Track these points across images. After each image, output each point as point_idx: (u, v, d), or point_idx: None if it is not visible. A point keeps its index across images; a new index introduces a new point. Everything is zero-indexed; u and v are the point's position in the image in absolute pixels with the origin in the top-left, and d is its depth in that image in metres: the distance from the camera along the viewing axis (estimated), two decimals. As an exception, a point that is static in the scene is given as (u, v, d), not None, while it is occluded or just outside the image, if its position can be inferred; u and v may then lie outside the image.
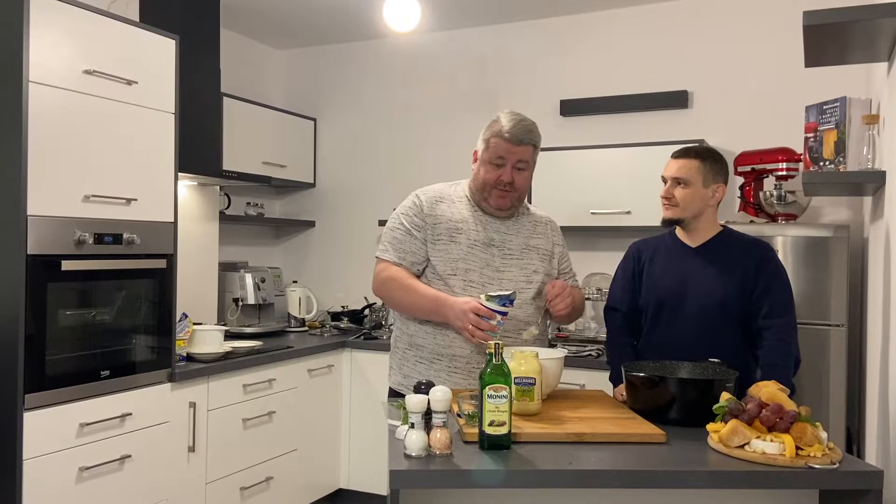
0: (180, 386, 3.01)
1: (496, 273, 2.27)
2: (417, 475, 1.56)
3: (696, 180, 2.29)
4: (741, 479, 1.56)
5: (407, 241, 2.29)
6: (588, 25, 4.10)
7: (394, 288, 2.28)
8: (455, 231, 2.28)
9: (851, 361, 3.10)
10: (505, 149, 2.22)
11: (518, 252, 2.32)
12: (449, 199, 2.35)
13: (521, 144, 2.23)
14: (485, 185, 2.27)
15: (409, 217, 2.31)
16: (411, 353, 2.31)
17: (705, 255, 2.32)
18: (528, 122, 2.26)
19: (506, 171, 2.24)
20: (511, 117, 2.25)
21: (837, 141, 2.35)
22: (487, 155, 2.25)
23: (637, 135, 3.86)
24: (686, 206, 2.30)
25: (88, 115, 2.65)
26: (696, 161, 2.30)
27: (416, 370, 2.27)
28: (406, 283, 2.25)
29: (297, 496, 3.74)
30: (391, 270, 2.28)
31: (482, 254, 2.27)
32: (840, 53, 2.20)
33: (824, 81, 3.26)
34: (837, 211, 3.53)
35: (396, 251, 2.29)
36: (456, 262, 2.25)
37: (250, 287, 4.08)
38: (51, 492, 2.50)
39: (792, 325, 2.22)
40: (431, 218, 2.29)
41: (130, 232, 2.80)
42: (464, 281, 2.24)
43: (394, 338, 2.43)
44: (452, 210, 2.32)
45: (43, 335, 2.50)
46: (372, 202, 4.61)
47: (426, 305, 2.22)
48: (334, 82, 4.77)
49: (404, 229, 2.30)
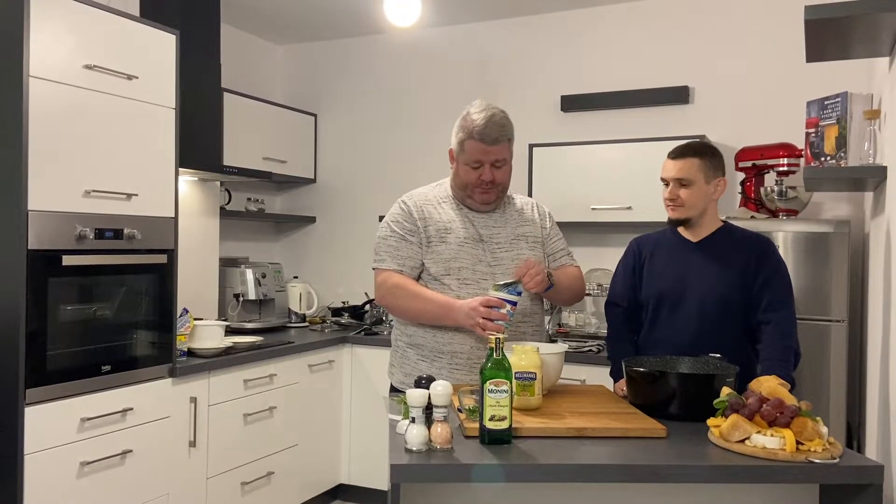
0: (181, 381, 3.01)
1: (489, 268, 2.27)
2: (418, 469, 1.56)
3: (699, 178, 2.27)
4: (742, 473, 1.56)
5: (403, 248, 2.28)
6: (589, 21, 4.09)
7: (401, 296, 2.26)
8: (444, 231, 2.28)
9: (852, 357, 3.10)
10: (480, 150, 2.21)
11: (507, 244, 2.32)
12: (434, 201, 2.35)
13: (496, 144, 2.21)
14: (466, 184, 2.27)
15: (399, 224, 2.31)
16: (412, 351, 2.32)
17: (706, 251, 2.32)
18: (499, 116, 2.22)
19: (485, 171, 2.23)
20: (481, 114, 2.21)
21: (838, 136, 2.35)
22: (464, 157, 2.24)
23: (638, 130, 3.85)
24: (692, 206, 2.29)
25: (89, 111, 2.65)
26: (696, 159, 2.28)
27: (418, 368, 2.26)
28: (413, 290, 2.24)
29: (298, 491, 3.74)
30: (395, 278, 2.27)
31: (473, 250, 2.27)
32: (841, 48, 2.20)
33: (825, 77, 3.25)
34: (838, 206, 3.52)
35: (394, 259, 2.28)
36: (448, 262, 2.25)
37: (251, 282, 4.09)
38: (52, 486, 2.50)
39: (791, 319, 2.22)
40: (422, 221, 2.29)
41: (131, 227, 2.80)
42: (458, 280, 2.24)
43: (393, 336, 2.43)
44: (439, 211, 2.32)
45: (44, 330, 2.50)
46: (372, 198, 4.61)
47: (435, 311, 2.21)
48: (335, 78, 4.77)
49: (398, 236, 2.29)
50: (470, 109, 2.25)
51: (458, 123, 2.27)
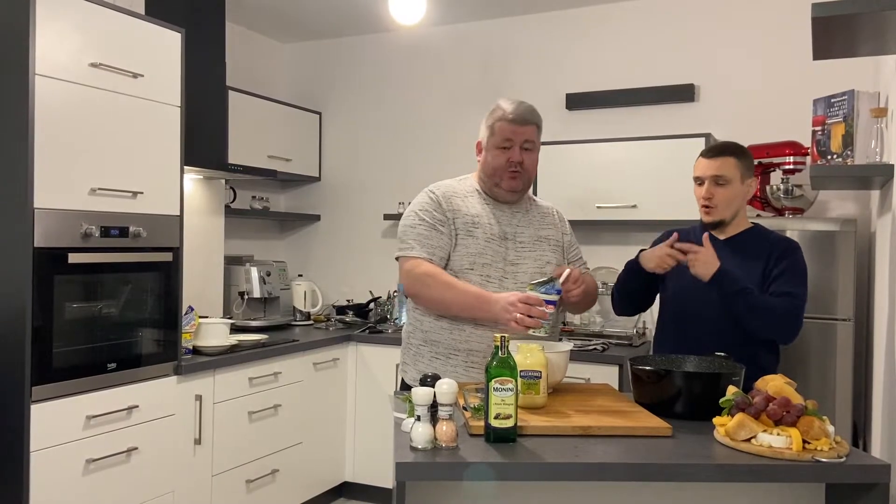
0: (186, 379, 3.02)
1: (511, 266, 2.26)
2: (423, 468, 1.56)
3: (735, 177, 2.26)
4: (747, 472, 1.56)
5: (434, 237, 2.24)
6: (594, 19, 4.08)
7: (432, 284, 2.19)
8: (472, 226, 2.26)
9: (858, 356, 3.09)
10: (510, 130, 2.23)
11: (530, 244, 2.31)
12: (461, 193, 2.33)
13: (526, 124, 2.25)
14: (495, 170, 2.27)
15: (429, 213, 2.27)
16: (426, 349, 2.29)
17: (732, 247, 2.30)
18: (528, 104, 2.29)
19: (514, 151, 2.24)
20: (511, 101, 2.28)
21: (845, 134, 2.34)
22: (494, 140, 2.26)
23: (643, 128, 3.84)
24: (726, 206, 2.27)
25: (94, 108, 2.65)
26: (732, 158, 2.27)
27: (432, 366, 2.24)
28: (445, 280, 2.19)
29: (303, 489, 3.75)
30: (425, 266, 2.21)
31: (498, 248, 2.26)
32: (848, 46, 2.18)
33: (832, 74, 3.24)
34: (844, 205, 3.51)
35: (424, 247, 2.23)
36: (473, 256, 2.23)
37: (256, 280, 4.09)
38: (58, 484, 2.51)
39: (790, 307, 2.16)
40: (451, 213, 2.27)
41: (136, 225, 2.80)
42: (481, 276, 2.23)
43: (406, 333, 2.40)
44: (467, 204, 2.30)
45: (50, 328, 2.50)
46: (377, 196, 4.61)
47: (468, 302, 2.15)
48: (340, 76, 4.77)
49: (427, 225, 2.25)
50: (499, 101, 2.30)
51: (486, 116, 2.31)
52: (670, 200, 3.41)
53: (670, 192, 3.40)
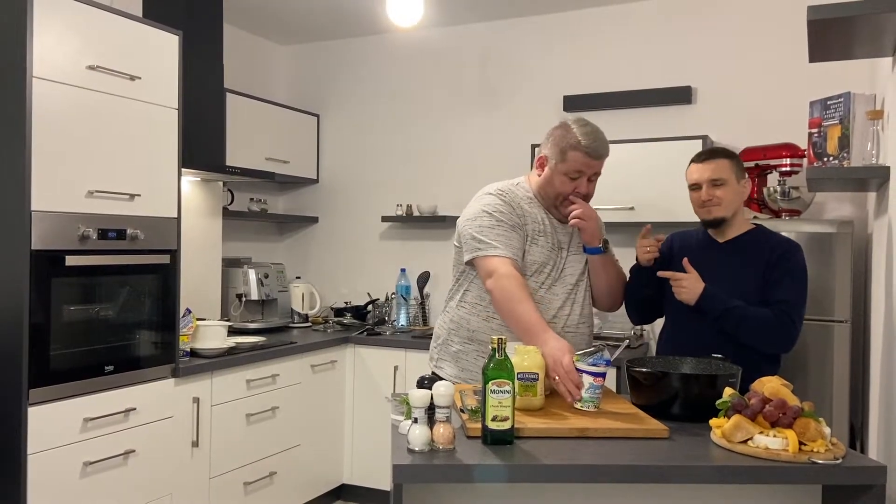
0: (184, 381, 3.02)
1: (559, 273, 2.29)
2: (420, 470, 1.56)
3: (731, 178, 2.30)
4: (744, 474, 1.56)
5: (514, 238, 2.23)
6: (592, 21, 4.09)
7: (514, 287, 2.11)
8: (538, 233, 2.28)
9: (855, 357, 3.10)
10: (584, 163, 2.23)
11: (574, 254, 2.34)
12: (524, 199, 2.33)
13: (601, 158, 2.26)
14: (558, 195, 2.28)
15: (505, 214, 2.25)
16: (472, 346, 2.30)
17: (732, 250, 2.33)
18: (601, 133, 2.27)
19: (582, 183, 2.26)
20: (585, 129, 2.24)
21: (841, 136, 2.34)
22: (565, 167, 2.24)
23: (640, 130, 3.85)
24: (728, 204, 2.31)
25: (92, 111, 2.65)
26: (725, 160, 2.32)
27: (477, 364, 2.25)
28: (525, 294, 2.11)
29: (301, 491, 3.75)
30: (511, 267, 2.15)
31: (556, 256, 2.30)
32: (844, 48, 2.19)
33: (828, 77, 3.25)
34: (841, 207, 3.52)
35: (507, 247, 2.19)
36: (534, 263, 2.26)
37: (253, 283, 4.09)
38: (55, 486, 2.51)
39: (784, 321, 2.17)
40: (522, 217, 2.27)
41: (134, 227, 2.80)
42: (538, 283, 2.25)
43: (447, 330, 2.38)
44: (532, 210, 2.31)
45: (47, 330, 2.50)
46: (375, 198, 4.61)
47: (528, 328, 2.06)
48: (337, 78, 4.77)
49: (506, 226, 2.23)
50: (569, 123, 2.26)
51: (556, 134, 2.27)
52: (668, 202, 3.41)
53: (668, 194, 3.41)
